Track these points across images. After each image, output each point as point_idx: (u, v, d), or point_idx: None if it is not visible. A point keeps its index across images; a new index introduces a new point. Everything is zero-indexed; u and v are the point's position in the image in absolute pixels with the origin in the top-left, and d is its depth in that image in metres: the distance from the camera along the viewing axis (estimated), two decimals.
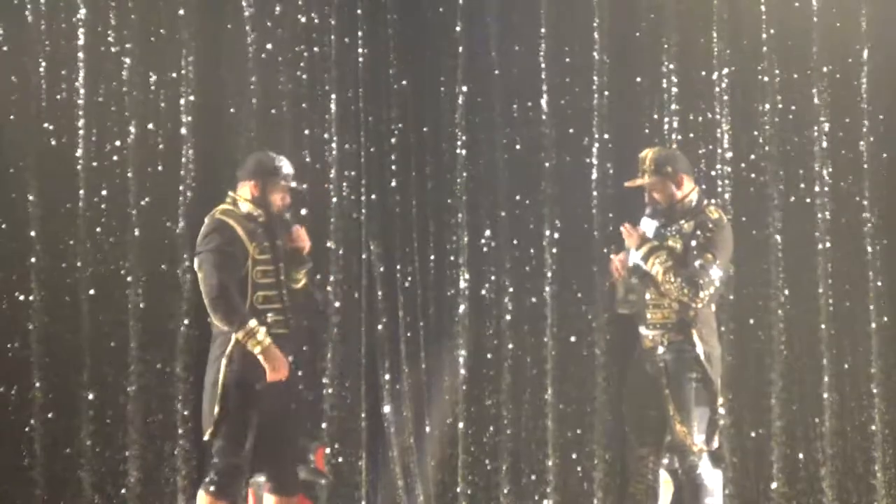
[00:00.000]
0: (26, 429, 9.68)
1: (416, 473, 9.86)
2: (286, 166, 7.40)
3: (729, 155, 9.89)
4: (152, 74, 9.94)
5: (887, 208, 9.87)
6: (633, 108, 10.04)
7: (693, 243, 7.06)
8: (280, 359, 7.13)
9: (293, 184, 7.47)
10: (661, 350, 7.10)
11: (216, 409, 7.09)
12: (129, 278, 9.79)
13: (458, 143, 10.02)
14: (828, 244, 9.83)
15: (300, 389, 7.63)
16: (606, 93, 9.96)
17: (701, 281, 6.93)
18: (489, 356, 10.00)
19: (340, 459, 9.85)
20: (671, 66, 9.93)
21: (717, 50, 9.92)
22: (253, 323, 7.04)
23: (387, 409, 9.88)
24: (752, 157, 9.91)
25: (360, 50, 10.04)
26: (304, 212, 9.67)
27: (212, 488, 7.07)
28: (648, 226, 7.25)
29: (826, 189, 9.86)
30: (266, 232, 7.29)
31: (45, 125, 9.86)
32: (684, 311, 7.08)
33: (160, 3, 9.96)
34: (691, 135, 9.94)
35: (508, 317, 9.95)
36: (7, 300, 9.75)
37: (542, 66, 10.01)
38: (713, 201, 8.03)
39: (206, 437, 7.33)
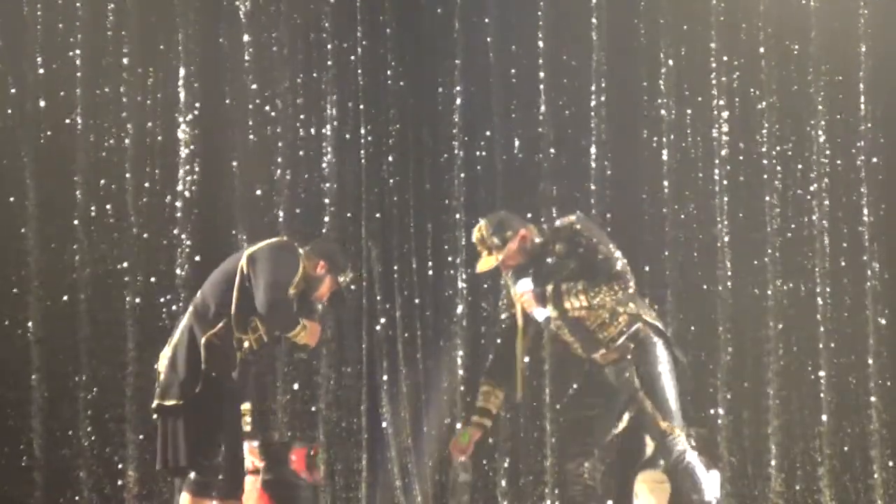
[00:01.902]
0: (25, 429, 9.66)
1: (414, 474, 9.87)
2: (351, 275, 7.41)
3: (727, 154, 9.89)
4: (150, 75, 9.94)
5: (885, 208, 9.88)
6: (632, 109, 10.05)
7: (580, 250, 6.94)
8: (317, 329, 7.12)
9: (345, 283, 7.48)
10: (633, 360, 7.01)
11: (196, 390, 6.98)
12: (126, 278, 9.78)
13: (456, 143, 10.03)
14: (825, 243, 9.84)
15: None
16: (604, 94, 9.96)
17: (617, 268, 6.83)
18: (487, 357, 9.97)
19: (339, 459, 9.85)
20: (669, 67, 9.94)
21: (715, 50, 9.93)
22: (303, 321, 7.02)
23: (385, 409, 9.88)
24: (751, 157, 9.91)
25: (358, 50, 10.05)
26: (301, 212, 9.72)
27: (193, 486, 7.05)
28: (526, 284, 7.03)
29: (824, 189, 9.87)
30: (301, 297, 7.25)
31: (44, 125, 9.85)
32: (626, 309, 6.98)
33: (158, 3, 9.97)
34: (689, 135, 9.95)
35: (505, 317, 9.93)
36: (6, 300, 9.75)
37: (541, 66, 10.01)
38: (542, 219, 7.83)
39: (166, 403, 7.16)
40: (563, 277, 6.79)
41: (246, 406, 7.17)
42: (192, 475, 7.02)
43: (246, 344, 7.02)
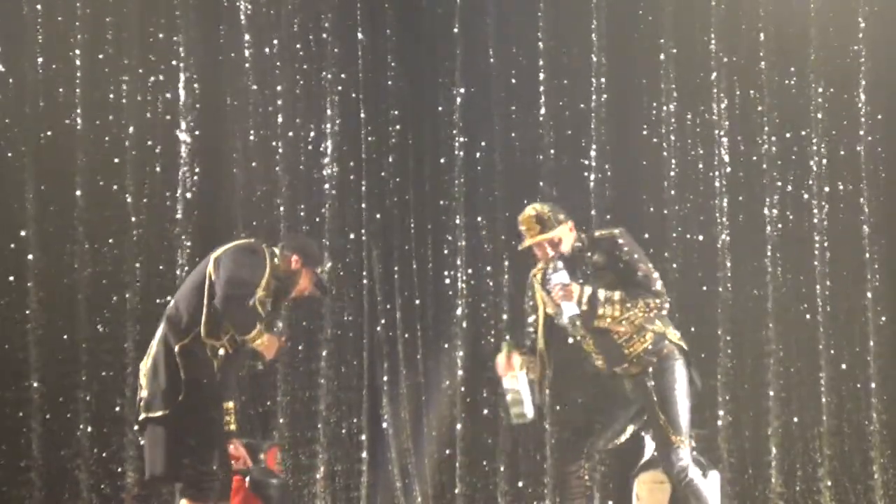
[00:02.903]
0: (24, 429, 9.66)
1: (415, 474, 9.87)
2: (328, 265, 7.42)
3: (727, 156, 9.89)
4: (150, 76, 9.94)
5: (885, 209, 9.88)
6: (632, 110, 10.05)
7: (619, 265, 6.98)
8: (277, 346, 7.13)
9: (326, 286, 7.47)
10: (654, 375, 7.05)
11: (179, 398, 6.99)
12: (126, 279, 9.78)
13: (457, 144, 10.03)
14: (825, 244, 9.84)
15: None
16: (604, 94, 9.96)
17: (657, 286, 6.90)
18: (487, 358, 10.00)
19: (339, 460, 9.86)
20: (669, 68, 9.94)
21: (714, 50, 9.93)
22: (259, 326, 7.01)
23: (385, 409, 9.88)
24: (750, 157, 9.91)
25: (359, 51, 10.05)
26: (302, 212, 9.72)
27: (189, 492, 7.05)
28: (564, 276, 7.06)
29: (824, 189, 9.87)
30: (276, 295, 7.25)
31: (43, 125, 9.85)
32: (653, 326, 7.02)
33: (158, 4, 9.97)
34: (689, 136, 9.95)
35: (506, 318, 9.95)
36: (5, 300, 9.74)
37: (541, 67, 10.01)
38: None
39: (153, 415, 7.17)
40: (602, 287, 6.84)
41: (229, 405, 7.18)
42: (192, 483, 7.02)
43: (221, 351, 7.03)
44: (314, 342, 9.88)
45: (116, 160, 9.87)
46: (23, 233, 9.76)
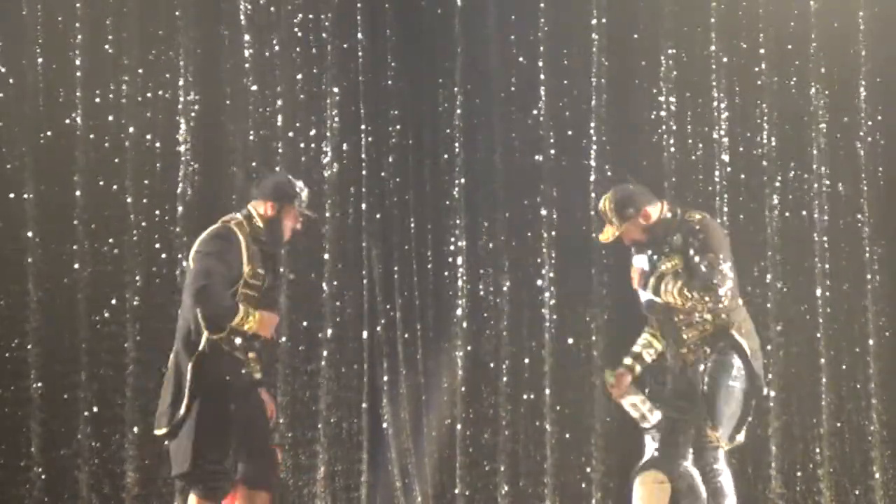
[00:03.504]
0: (24, 429, 9.66)
1: (415, 475, 9.86)
2: (304, 192, 7.35)
3: (727, 156, 9.89)
4: (150, 76, 9.94)
5: (885, 209, 9.87)
6: (632, 110, 10.05)
7: (690, 252, 7.02)
8: (272, 322, 7.11)
9: (307, 211, 7.40)
10: (706, 362, 7.09)
11: (178, 416, 7.03)
12: (125, 278, 9.78)
13: (457, 144, 10.03)
14: (825, 245, 9.83)
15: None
16: (604, 94, 9.96)
17: (715, 280, 6.90)
18: (487, 357, 10.01)
19: (339, 460, 9.85)
20: (669, 68, 9.93)
21: (715, 51, 9.92)
22: (242, 308, 7.00)
23: (385, 409, 9.87)
24: (751, 157, 9.91)
25: (358, 51, 10.05)
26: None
27: (199, 491, 7.06)
28: (641, 261, 7.17)
29: (824, 189, 9.86)
30: (265, 260, 7.24)
31: (43, 125, 9.85)
32: (717, 317, 7.06)
33: (158, 3, 9.96)
34: (689, 135, 9.94)
35: (506, 318, 9.96)
36: (5, 300, 9.75)
37: (541, 67, 10.01)
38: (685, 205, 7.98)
39: (158, 432, 7.23)
40: (668, 270, 6.88)
41: (252, 354, 7.17)
42: (201, 481, 7.03)
43: (238, 340, 7.03)
44: (314, 342, 9.88)
45: (116, 160, 9.87)
46: (23, 233, 9.77)
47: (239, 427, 7.08)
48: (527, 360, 9.97)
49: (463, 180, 10.02)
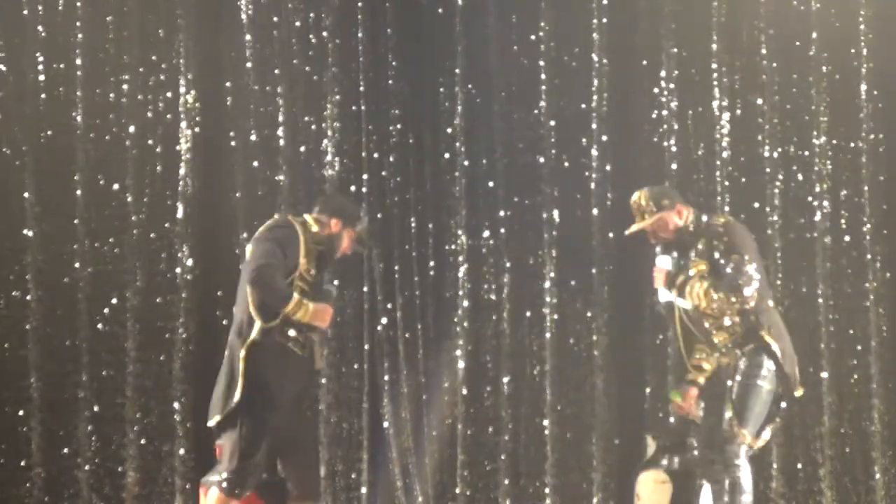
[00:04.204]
0: (24, 429, 9.66)
1: (415, 474, 9.86)
2: (365, 220, 7.46)
3: (727, 155, 9.89)
4: (150, 76, 9.94)
5: (886, 209, 9.87)
6: (632, 110, 10.05)
7: (716, 255, 7.05)
8: (327, 312, 7.10)
9: (361, 241, 7.43)
10: (740, 364, 7.11)
11: (232, 403, 7.02)
12: (126, 279, 9.78)
13: (457, 143, 10.03)
14: (827, 244, 9.83)
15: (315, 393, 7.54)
16: (605, 94, 9.96)
17: (740, 281, 6.92)
18: (488, 357, 10.01)
19: (339, 460, 9.85)
20: (670, 67, 9.93)
21: (716, 50, 9.92)
22: (296, 295, 6.99)
23: (386, 409, 9.87)
24: (751, 157, 9.91)
25: (359, 50, 10.05)
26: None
27: (225, 486, 7.04)
28: (666, 262, 7.21)
29: (824, 189, 9.86)
30: (319, 263, 7.23)
31: (43, 125, 9.86)
32: (746, 320, 7.08)
33: (158, 3, 9.96)
34: (690, 136, 9.95)
35: (506, 318, 9.95)
36: (4, 300, 9.75)
37: (542, 67, 10.01)
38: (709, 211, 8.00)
39: (210, 423, 7.24)
40: (695, 274, 6.90)
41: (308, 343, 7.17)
42: (225, 474, 7.01)
43: (292, 332, 7.02)
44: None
45: (116, 160, 9.87)
46: (23, 232, 9.77)
47: (285, 422, 7.07)
48: (527, 360, 9.97)
49: (463, 180, 10.02)
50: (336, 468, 9.86)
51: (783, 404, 7.22)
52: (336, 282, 7.92)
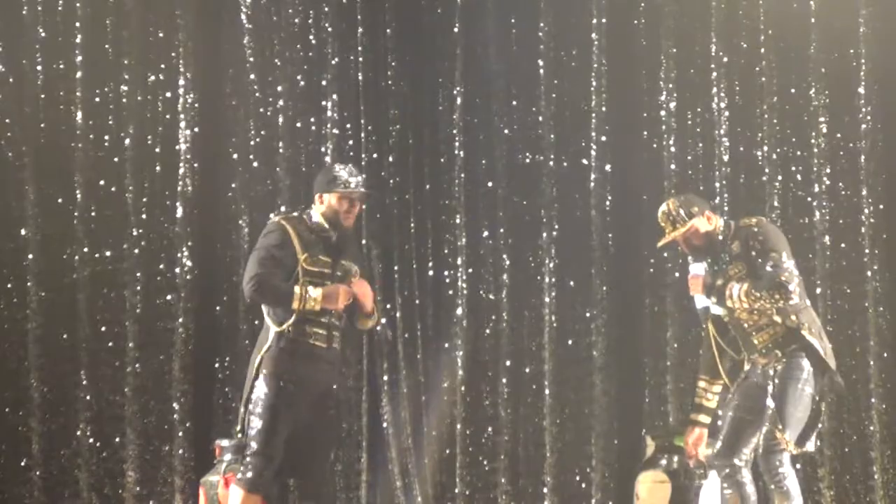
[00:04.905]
0: (24, 429, 9.66)
1: (415, 474, 9.87)
2: (343, 173, 7.26)
3: (727, 156, 9.89)
4: (150, 76, 9.95)
5: (885, 209, 9.86)
6: (632, 110, 10.05)
7: (752, 254, 7.01)
8: (337, 292, 7.01)
9: (353, 189, 7.27)
10: (776, 365, 7.07)
11: (243, 410, 7.04)
12: (126, 278, 9.79)
13: (456, 144, 10.03)
14: (826, 244, 9.83)
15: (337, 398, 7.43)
16: (605, 94, 9.96)
17: (783, 278, 6.87)
18: (487, 357, 10.01)
19: (339, 460, 9.85)
20: (669, 68, 9.94)
21: (715, 51, 9.92)
22: (297, 289, 6.96)
23: (385, 409, 9.87)
24: (751, 157, 9.91)
25: (358, 51, 10.05)
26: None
27: (246, 483, 7.04)
28: (700, 268, 7.18)
29: (824, 189, 9.86)
30: (329, 248, 7.16)
31: (43, 125, 9.86)
32: (787, 318, 7.04)
33: (158, 3, 9.97)
34: (689, 136, 9.95)
35: (506, 318, 9.95)
36: (4, 300, 9.75)
37: (541, 67, 10.01)
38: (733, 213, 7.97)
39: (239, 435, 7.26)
40: (732, 276, 6.88)
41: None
42: (247, 473, 6.99)
43: (312, 328, 6.99)
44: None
45: (116, 160, 9.88)
46: (23, 233, 9.77)
47: (307, 421, 7.06)
48: (527, 360, 9.97)
49: (463, 180, 10.02)
50: (336, 468, 9.85)
51: (823, 406, 7.14)
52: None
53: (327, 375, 7.08)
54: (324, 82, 10.05)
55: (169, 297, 9.80)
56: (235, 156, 9.95)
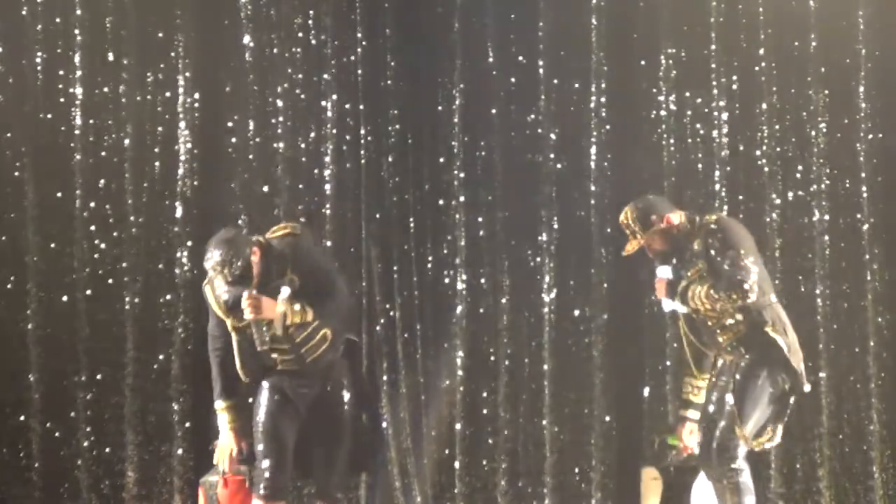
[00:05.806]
0: (24, 429, 9.67)
1: (414, 474, 9.86)
2: (214, 255, 6.90)
3: (727, 155, 9.88)
4: (149, 75, 9.95)
5: (885, 209, 9.86)
6: (632, 110, 10.05)
7: (712, 252, 7.01)
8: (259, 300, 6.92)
9: (221, 268, 6.91)
10: (741, 363, 7.08)
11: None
12: (125, 278, 9.80)
13: (456, 143, 10.03)
14: (825, 244, 9.82)
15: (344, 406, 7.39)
16: (605, 94, 9.96)
17: (739, 276, 6.87)
18: (487, 357, 10.00)
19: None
20: (669, 68, 9.93)
21: (714, 51, 9.92)
22: (219, 405, 7.10)
23: (385, 409, 9.87)
24: (751, 157, 9.90)
25: (358, 50, 10.05)
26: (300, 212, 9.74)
27: (265, 495, 7.05)
28: (665, 272, 7.18)
29: (824, 189, 9.86)
30: (236, 305, 7.16)
31: (43, 125, 9.87)
32: (749, 317, 7.05)
33: (158, 3, 9.97)
34: (689, 135, 9.94)
35: (506, 318, 9.95)
36: (4, 300, 9.75)
37: (540, 67, 10.01)
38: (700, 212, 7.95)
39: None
40: (693, 278, 6.88)
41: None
42: (263, 484, 7.00)
43: (281, 357, 7.04)
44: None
45: (116, 160, 9.88)
46: (23, 233, 9.78)
47: (310, 424, 7.09)
48: (527, 360, 9.97)
49: (463, 180, 10.01)
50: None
51: (791, 400, 7.16)
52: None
53: (315, 384, 7.11)
54: (323, 82, 10.04)
55: (168, 297, 9.81)
56: (235, 156, 9.94)
